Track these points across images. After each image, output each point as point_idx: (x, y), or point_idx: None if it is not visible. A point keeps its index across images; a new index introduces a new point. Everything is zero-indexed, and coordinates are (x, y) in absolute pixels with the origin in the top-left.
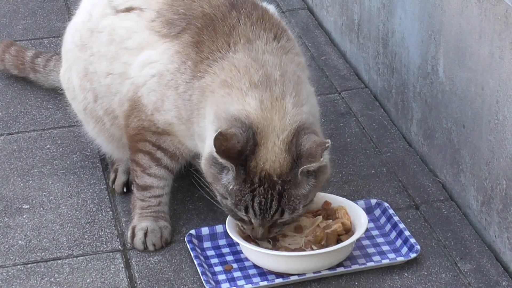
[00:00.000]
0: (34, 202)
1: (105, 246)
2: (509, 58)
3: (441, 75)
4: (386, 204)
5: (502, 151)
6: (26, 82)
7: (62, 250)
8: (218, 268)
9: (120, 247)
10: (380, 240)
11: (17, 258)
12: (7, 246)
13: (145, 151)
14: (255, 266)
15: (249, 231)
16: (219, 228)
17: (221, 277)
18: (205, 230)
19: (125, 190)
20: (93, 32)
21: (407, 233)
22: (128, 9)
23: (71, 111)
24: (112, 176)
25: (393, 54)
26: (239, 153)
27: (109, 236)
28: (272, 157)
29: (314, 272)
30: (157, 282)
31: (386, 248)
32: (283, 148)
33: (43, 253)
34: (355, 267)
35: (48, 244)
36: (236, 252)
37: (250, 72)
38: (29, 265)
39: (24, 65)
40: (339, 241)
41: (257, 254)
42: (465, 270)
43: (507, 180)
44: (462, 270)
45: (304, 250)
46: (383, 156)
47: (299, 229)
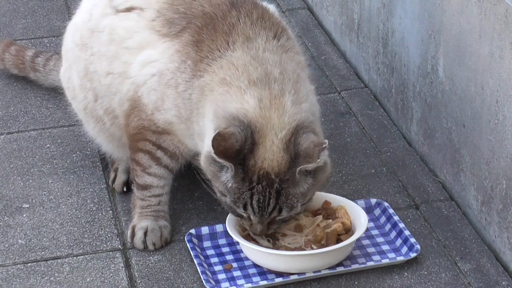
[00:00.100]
0: (34, 201)
1: (105, 245)
2: (509, 58)
3: (441, 75)
4: (386, 204)
5: (502, 151)
6: (26, 82)
7: (62, 249)
8: (218, 267)
9: (120, 246)
10: (380, 240)
11: (17, 257)
12: (7, 245)
13: (145, 151)
14: (255, 266)
15: (248, 227)
16: (219, 228)
17: (221, 276)
18: (205, 230)
19: (125, 190)
20: (94, 32)
21: (407, 233)
22: (129, 9)
23: (71, 111)
24: (112, 176)
25: (393, 54)
26: (238, 152)
27: (109, 235)
28: (270, 156)
29: (314, 272)
30: (157, 282)
31: (386, 248)
32: (281, 147)
33: (43, 252)
34: (355, 267)
35: (48, 243)
36: (236, 252)
37: (249, 70)
38: (29, 264)
39: (24, 65)
40: (339, 241)
41: (257, 253)
42: (465, 270)
43: (507, 180)
44: (462, 270)
45: (304, 250)
46: (383, 156)
47: (299, 229)
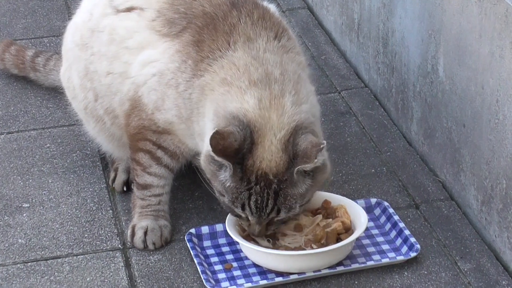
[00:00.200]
0: (34, 201)
1: (105, 245)
2: (509, 57)
3: (441, 75)
4: (386, 203)
5: (502, 151)
6: (26, 81)
7: (62, 249)
8: (218, 267)
9: (120, 246)
10: (380, 239)
11: (17, 257)
12: (7, 245)
13: (146, 150)
14: (255, 265)
15: (247, 228)
16: (219, 227)
17: (221, 276)
18: (205, 229)
19: (125, 189)
20: (94, 32)
21: (407, 232)
22: (129, 9)
23: (71, 110)
24: (112, 175)
25: (393, 54)
26: (236, 152)
27: (109, 235)
28: (269, 156)
29: (314, 271)
30: (157, 281)
31: (386, 247)
32: (280, 147)
33: (43, 252)
34: (355, 266)
35: (48, 243)
36: (236, 251)
37: (250, 70)
38: (29, 264)
39: (24, 64)
40: (339, 240)
41: (257, 253)
42: (465, 270)
43: (507, 180)
44: (462, 270)
45: (304, 249)
46: (383, 156)
47: (299, 228)
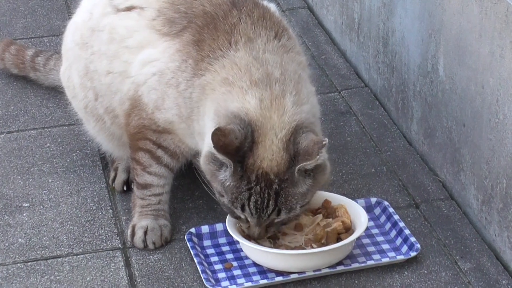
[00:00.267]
0: (34, 200)
1: (105, 245)
2: (510, 57)
3: (441, 74)
4: (386, 203)
5: (502, 150)
6: (26, 81)
7: (62, 248)
8: (218, 266)
9: (120, 246)
10: (380, 239)
11: (17, 256)
12: (7, 244)
13: (146, 150)
14: (255, 264)
15: (246, 230)
16: (219, 227)
17: (221, 275)
18: (205, 229)
19: (125, 189)
20: (94, 31)
21: (407, 232)
22: (129, 8)
23: (71, 110)
24: (112, 175)
25: (393, 53)
26: (237, 150)
27: (109, 235)
28: (270, 156)
29: (314, 271)
30: (157, 280)
31: (386, 247)
32: (281, 147)
33: (43, 251)
34: (355, 266)
35: (48, 242)
36: (236, 250)
37: (251, 71)
38: (29, 263)
39: (24, 64)
40: (339, 240)
41: (257, 252)
42: (465, 269)
43: (507, 179)
44: (462, 269)
45: (304, 249)
46: (383, 155)
47: (299, 228)
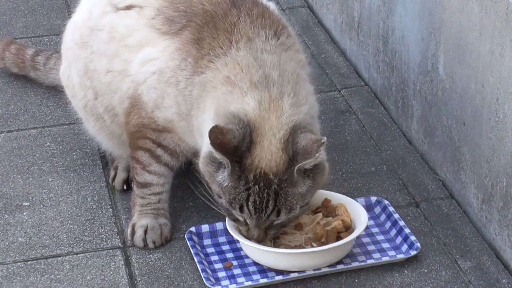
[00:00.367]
0: (34, 200)
1: (105, 243)
2: (510, 56)
3: (441, 73)
4: (386, 202)
5: (503, 149)
6: (26, 80)
7: (62, 247)
8: (218, 265)
9: (120, 244)
10: (380, 238)
11: (17, 255)
12: (7, 243)
13: (145, 149)
14: (255, 263)
15: (245, 232)
16: (219, 226)
17: (221, 274)
18: (205, 228)
19: (125, 188)
20: (93, 30)
21: (407, 231)
22: (128, 7)
23: (71, 109)
24: (112, 174)
25: (393, 52)
26: (235, 149)
27: (109, 234)
28: (268, 156)
29: (314, 269)
30: (157, 279)
31: (386, 246)
32: (280, 147)
33: (43, 250)
34: (355, 265)
35: (48, 241)
36: (236, 250)
37: (251, 72)
38: (29, 262)
39: (24, 63)
40: (339, 239)
41: (257, 252)
42: (465, 268)
43: (508, 178)
44: (462, 268)
45: (304, 248)
46: (383, 154)
47: (299, 227)
